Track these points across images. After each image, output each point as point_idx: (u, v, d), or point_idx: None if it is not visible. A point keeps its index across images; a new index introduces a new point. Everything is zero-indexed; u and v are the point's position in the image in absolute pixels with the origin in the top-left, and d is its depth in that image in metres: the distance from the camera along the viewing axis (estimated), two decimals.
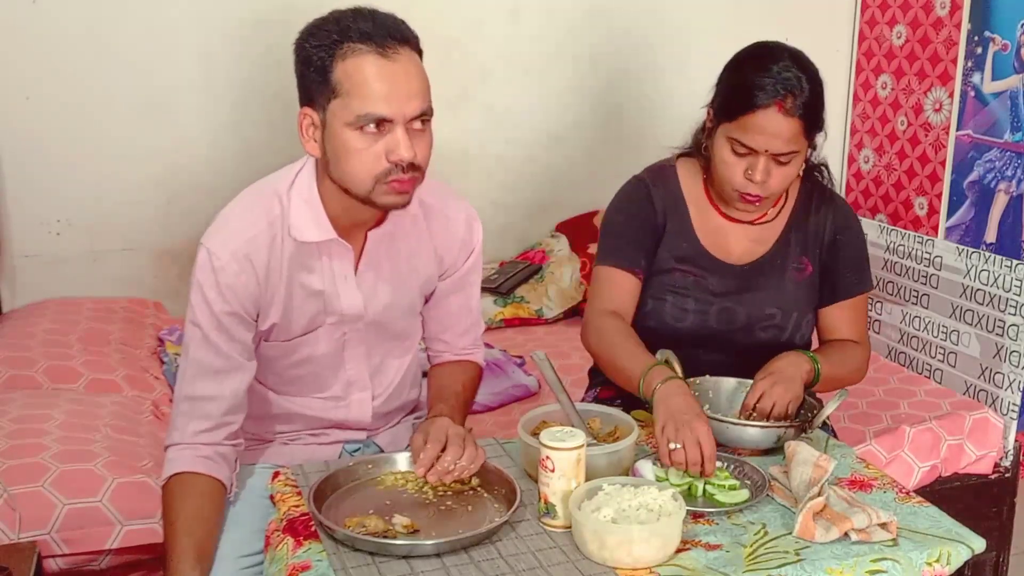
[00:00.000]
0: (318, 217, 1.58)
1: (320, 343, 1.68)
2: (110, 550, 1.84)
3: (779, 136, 1.73)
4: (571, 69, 3.32)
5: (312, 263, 1.61)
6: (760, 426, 1.67)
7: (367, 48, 1.45)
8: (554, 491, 1.43)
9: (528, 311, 3.09)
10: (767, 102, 1.72)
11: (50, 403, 2.14)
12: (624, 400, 1.97)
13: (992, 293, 2.58)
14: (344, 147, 1.48)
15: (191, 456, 1.58)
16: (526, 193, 3.36)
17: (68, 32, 2.78)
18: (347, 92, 1.45)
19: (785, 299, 1.90)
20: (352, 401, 1.75)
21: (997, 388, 2.58)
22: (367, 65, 1.45)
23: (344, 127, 1.46)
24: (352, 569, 1.34)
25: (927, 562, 1.39)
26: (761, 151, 1.74)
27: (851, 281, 1.93)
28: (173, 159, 2.94)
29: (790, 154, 1.76)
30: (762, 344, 1.89)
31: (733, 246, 1.92)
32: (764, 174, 1.76)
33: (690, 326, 1.90)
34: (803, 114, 1.73)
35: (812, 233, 1.92)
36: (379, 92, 1.44)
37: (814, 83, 1.75)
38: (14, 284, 2.87)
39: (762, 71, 1.73)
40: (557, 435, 1.44)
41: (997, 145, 3.02)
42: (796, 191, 1.94)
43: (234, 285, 1.56)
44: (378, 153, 1.47)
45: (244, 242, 1.56)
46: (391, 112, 1.45)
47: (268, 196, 1.60)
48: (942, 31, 3.18)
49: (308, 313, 1.64)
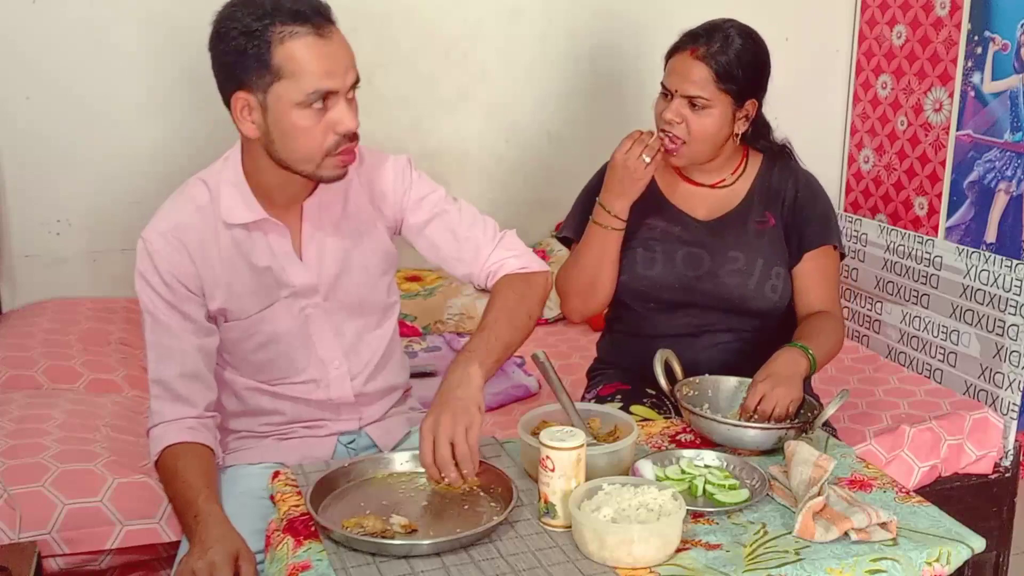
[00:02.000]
0: (247, 198, 1.64)
1: (280, 319, 1.71)
2: (110, 550, 1.84)
3: (687, 78, 1.91)
4: (571, 69, 3.31)
5: (251, 244, 1.66)
6: (759, 427, 1.67)
7: (304, 30, 1.49)
8: (554, 491, 1.43)
9: None
10: (684, 46, 1.94)
11: (50, 403, 2.14)
12: (623, 396, 1.98)
13: (992, 293, 2.58)
14: (292, 126, 1.53)
15: (176, 429, 1.66)
16: (526, 193, 3.36)
17: (68, 32, 2.77)
18: (291, 73, 1.50)
19: (747, 245, 2.00)
20: (331, 380, 1.76)
21: (997, 388, 2.58)
22: (308, 47, 1.49)
23: (292, 107, 1.51)
24: (352, 569, 1.34)
25: (927, 562, 1.39)
26: (673, 90, 1.93)
27: (816, 232, 2.02)
28: (173, 159, 2.93)
29: (699, 99, 1.90)
30: (729, 292, 1.98)
31: (699, 207, 2.05)
32: (675, 113, 1.92)
33: (659, 273, 1.99)
34: (713, 64, 1.89)
35: (774, 192, 2.04)
36: (323, 69, 1.50)
37: (742, 47, 1.92)
38: (14, 284, 2.86)
39: (699, 28, 1.95)
40: (557, 435, 1.44)
41: (997, 145, 3.02)
42: (759, 162, 2.07)
43: (169, 266, 1.63)
44: (325, 128, 1.54)
45: (172, 226, 1.64)
46: (335, 84, 1.52)
47: (193, 185, 1.69)
48: (942, 31, 3.18)
49: (259, 290, 1.68)
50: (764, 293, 1.98)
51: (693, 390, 1.82)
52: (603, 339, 2.21)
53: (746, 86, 1.94)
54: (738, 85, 1.92)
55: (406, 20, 3.07)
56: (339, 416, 1.80)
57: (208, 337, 1.69)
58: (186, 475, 1.63)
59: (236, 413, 1.79)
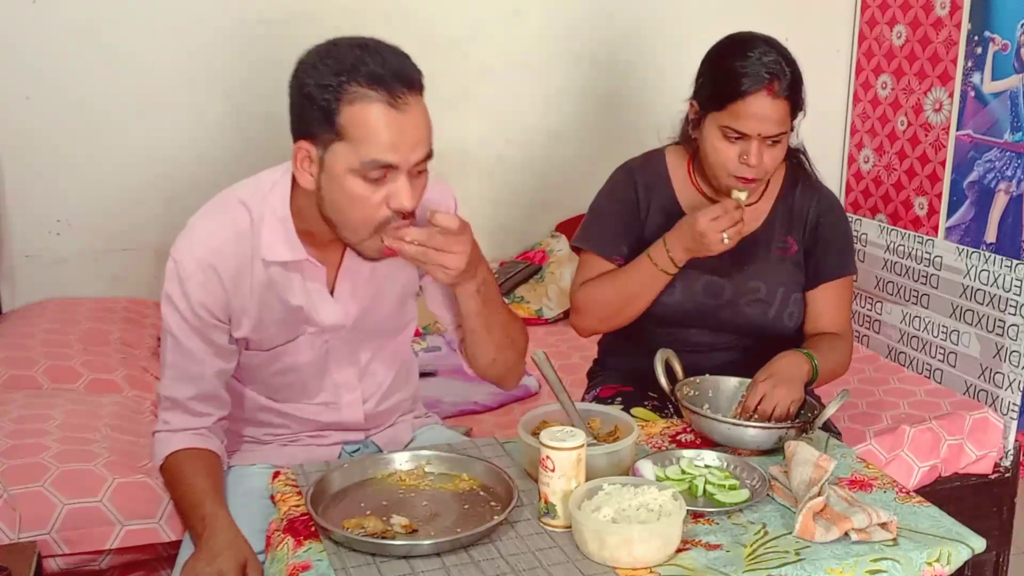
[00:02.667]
0: (290, 237, 1.56)
1: (302, 353, 1.68)
2: (110, 550, 1.84)
3: (770, 119, 1.80)
4: (571, 69, 3.32)
5: (286, 282, 1.61)
6: (760, 427, 1.67)
7: (376, 95, 1.41)
8: (554, 491, 1.43)
9: (528, 311, 3.09)
10: (756, 87, 1.79)
11: (50, 403, 2.14)
12: (624, 399, 1.98)
13: (992, 293, 2.58)
14: (345, 193, 1.45)
15: (183, 437, 1.64)
16: (526, 193, 3.36)
17: (68, 32, 2.77)
18: (353, 138, 1.42)
19: (769, 274, 1.95)
20: (343, 404, 1.76)
21: (997, 388, 2.58)
22: (376, 115, 1.41)
23: (347, 172, 1.44)
24: (352, 569, 1.34)
25: (927, 562, 1.39)
26: (754, 135, 1.81)
27: (834, 263, 1.98)
28: (173, 159, 2.94)
29: (780, 135, 1.83)
30: (749, 322, 1.94)
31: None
32: (758, 157, 1.82)
33: (678, 300, 1.94)
34: (789, 95, 1.82)
35: (797, 214, 1.99)
36: (387, 141, 1.42)
37: (793, 65, 1.84)
38: (14, 284, 2.86)
39: (743, 58, 1.81)
40: (557, 435, 1.44)
41: (997, 145, 3.02)
42: (780, 176, 2.01)
43: (200, 293, 1.57)
44: (379, 201, 1.46)
45: (208, 251, 1.56)
46: (398, 160, 1.43)
47: (235, 207, 1.59)
48: (942, 31, 3.18)
49: (285, 326, 1.65)
50: (782, 321, 1.96)
51: (693, 390, 1.82)
52: (604, 340, 2.20)
53: (804, 100, 1.89)
54: (802, 106, 1.88)
55: (406, 20, 3.07)
56: (346, 431, 1.80)
57: (228, 361, 1.66)
58: (193, 479, 1.61)
59: (241, 420, 1.79)
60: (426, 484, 1.56)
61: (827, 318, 1.97)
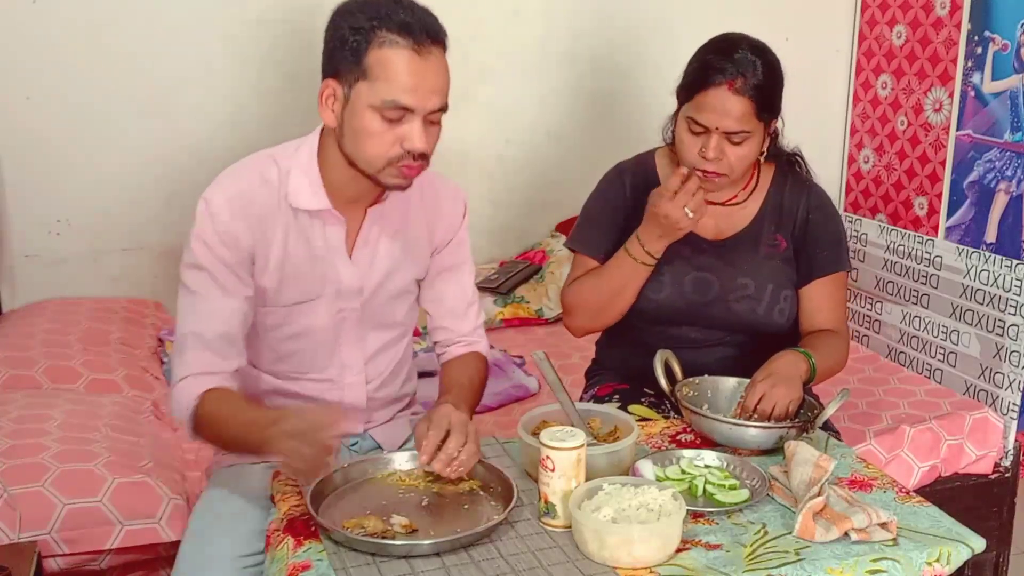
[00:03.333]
0: (315, 188, 1.64)
1: (317, 315, 1.71)
2: (110, 550, 1.84)
3: (728, 114, 1.80)
4: (571, 69, 3.32)
5: (312, 231, 1.67)
6: (761, 427, 1.67)
7: (404, 42, 1.52)
8: (554, 491, 1.43)
9: (528, 311, 3.09)
10: (719, 80, 1.80)
11: (50, 403, 2.14)
12: (621, 396, 1.98)
13: (992, 293, 2.58)
14: (363, 127, 1.55)
15: (213, 379, 1.62)
16: (526, 193, 3.36)
17: (68, 32, 2.78)
18: (377, 77, 1.52)
19: (757, 270, 1.95)
20: (346, 385, 1.77)
21: (997, 388, 2.58)
22: (401, 58, 1.52)
23: (367, 108, 1.54)
24: (352, 569, 1.34)
25: (927, 562, 1.39)
26: (712, 128, 1.82)
27: (827, 259, 1.97)
28: (173, 159, 2.94)
29: (741, 133, 1.82)
30: (739, 318, 1.94)
31: (707, 226, 1.97)
32: (716, 151, 1.82)
33: (667, 297, 1.94)
34: (753, 95, 1.80)
35: (786, 212, 1.98)
36: (407, 84, 1.52)
37: (769, 69, 1.83)
38: (14, 284, 2.86)
39: (719, 54, 1.83)
40: (557, 435, 1.44)
41: (997, 145, 3.02)
42: (770, 175, 2.00)
43: (230, 230, 1.62)
44: (394, 139, 1.55)
45: (237, 192, 1.63)
46: (414, 103, 1.53)
47: (263, 159, 1.68)
48: (942, 31, 3.18)
49: (306, 278, 1.68)
50: (772, 318, 1.95)
51: (693, 390, 1.82)
52: (602, 340, 2.21)
53: (776, 107, 1.89)
54: (773, 110, 1.88)
55: None
56: (346, 418, 1.80)
57: (250, 307, 1.67)
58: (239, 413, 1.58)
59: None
60: (426, 484, 1.56)
61: (822, 315, 1.97)
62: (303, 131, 1.70)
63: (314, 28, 3.09)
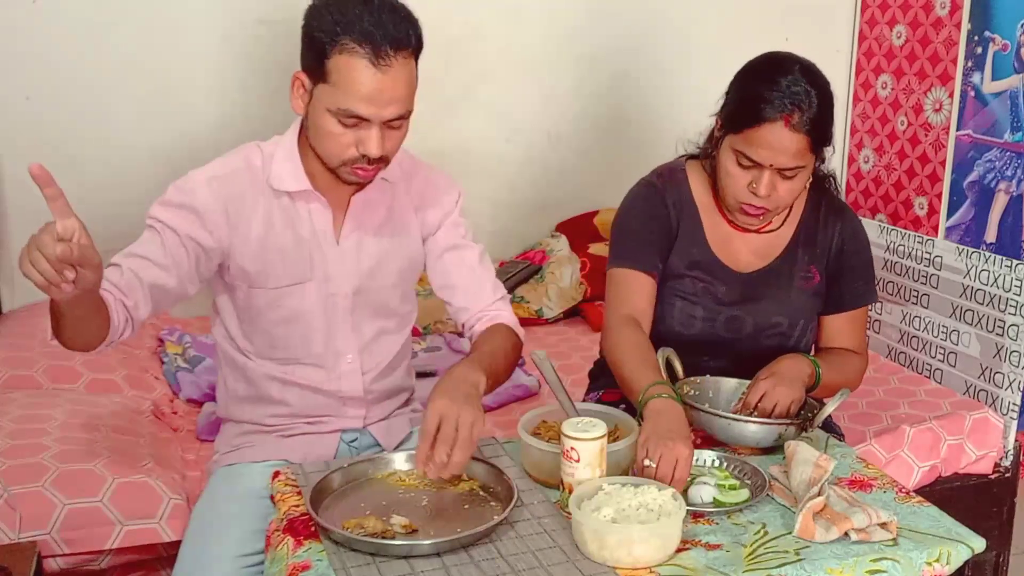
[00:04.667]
0: (296, 170, 1.67)
1: (307, 299, 1.72)
2: (110, 550, 1.84)
3: (785, 151, 1.70)
4: (572, 69, 3.32)
5: (295, 213, 1.69)
6: (760, 422, 1.67)
7: (363, 51, 1.52)
8: (579, 480, 1.44)
9: (528, 311, 3.09)
10: (774, 116, 1.69)
11: (50, 403, 2.14)
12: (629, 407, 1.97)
13: (992, 293, 2.58)
14: (322, 126, 1.58)
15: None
16: (526, 193, 3.36)
17: (68, 32, 2.77)
18: (335, 83, 1.54)
19: (792, 308, 1.90)
20: (342, 373, 1.77)
21: (997, 388, 2.58)
22: (358, 69, 1.52)
23: (325, 111, 1.56)
24: (352, 569, 1.34)
25: (927, 562, 1.39)
26: (766, 165, 1.72)
27: (857, 292, 1.93)
28: (173, 158, 2.93)
29: (795, 169, 1.73)
30: (768, 351, 1.87)
31: (741, 254, 1.91)
32: (768, 188, 1.74)
33: (697, 333, 1.89)
34: (810, 130, 1.70)
35: (821, 243, 1.91)
36: (363, 94, 1.53)
37: (823, 97, 1.72)
38: (14, 284, 2.86)
39: (770, 84, 1.70)
40: (579, 426, 1.47)
41: (997, 145, 3.02)
42: (804, 201, 1.93)
43: (201, 210, 1.63)
44: (349, 142, 1.58)
45: (215, 175, 1.66)
46: (369, 114, 1.55)
47: (248, 147, 1.72)
48: (942, 31, 3.18)
49: (294, 262, 1.69)
50: (799, 349, 1.91)
51: (694, 389, 1.82)
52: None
53: (831, 136, 1.78)
54: (827, 140, 1.78)
55: None
56: (344, 412, 1.81)
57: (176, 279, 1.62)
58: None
59: (244, 399, 1.79)
60: (426, 484, 1.56)
61: (840, 340, 1.93)
62: None
63: None
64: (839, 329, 1.94)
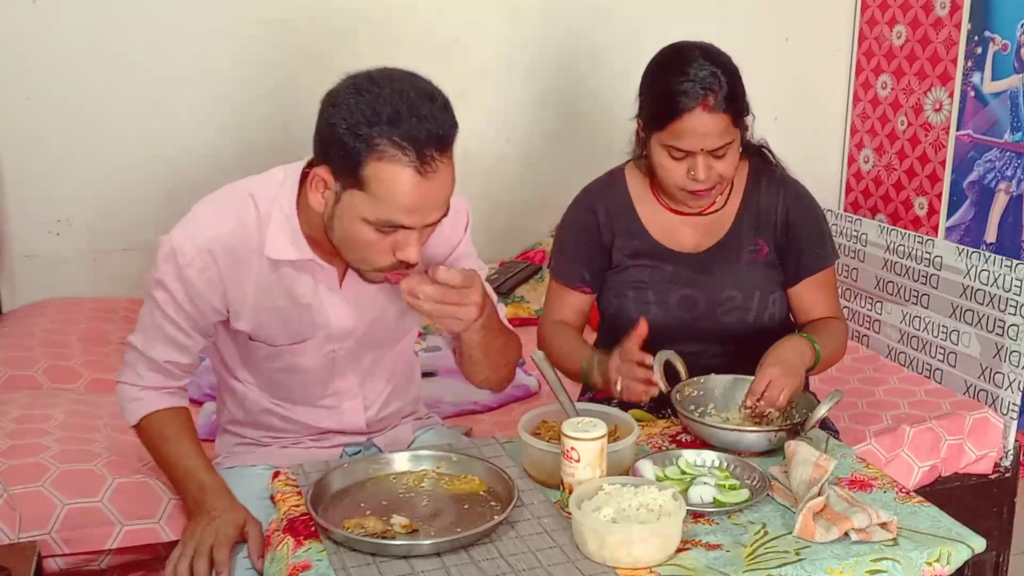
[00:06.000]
0: (295, 237, 1.54)
1: (308, 355, 1.67)
2: (110, 550, 1.84)
3: (710, 134, 1.78)
4: (571, 69, 3.32)
5: (294, 279, 1.60)
6: (744, 431, 1.67)
7: (407, 160, 1.38)
8: (579, 480, 1.44)
9: (528, 311, 3.09)
10: (691, 105, 1.76)
11: (50, 403, 2.14)
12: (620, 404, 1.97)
13: (992, 293, 2.58)
14: (352, 234, 1.45)
15: (158, 395, 1.65)
16: (526, 193, 3.36)
17: (68, 32, 2.78)
18: (374, 193, 1.40)
19: (742, 280, 1.93)
20: (344, 410, 1.76)
21: (997, 388, 2.58)
22: (401, 180, 1.39)
23: (358, 219, 1.43)
24: (352, 569, 1.34)
25: (927, 562, 1.39)
26: (696, 151, 1.79)
27: (813, 256, 1.96)
28: (173, 159, 2.94)
29: (724, 146, 1.80)
30: (730, 329, 1.93)
31: (686, 238, 1.96)
32: (706, 171, 1.81)
33: (654, 318, 1.90)
34: (727, 108, 1.78)
35: (764, 215, 1.96)
36: (407, 205, 1.41)
37: (730, 75, 1.80)
38: (14, 284, 2.87)
39: (679, 75, 1.78)
40: (580, 426, 1.47)
41: (997, 145, 3.02)
42: (743, 177, 1.98)
43: (199, 281, 1.56)
44: (385, 248, 1.46)
45: (210, 239, 1.54)
46: (412, 223, 1.43)
47: (242, 199, 1.56)
48: (942, 31, 3.18)
49: (291, 326, 1.63)
50: (763, 323, 1.94)
51: (698, 390, 1.82)
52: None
53: (746, 106, 1.86)
54: (745, 112, 1.85)
55: (406, 20, 3.07)
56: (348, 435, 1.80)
57: (208, 338, 1.68)
58: (180, 443, 1.65)
59: (242, 423, 1.79)
60: (426, 484, 1.56)
61: (816, 310, 1.97)
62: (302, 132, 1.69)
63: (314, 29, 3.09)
64: (811, 299, 1.97)
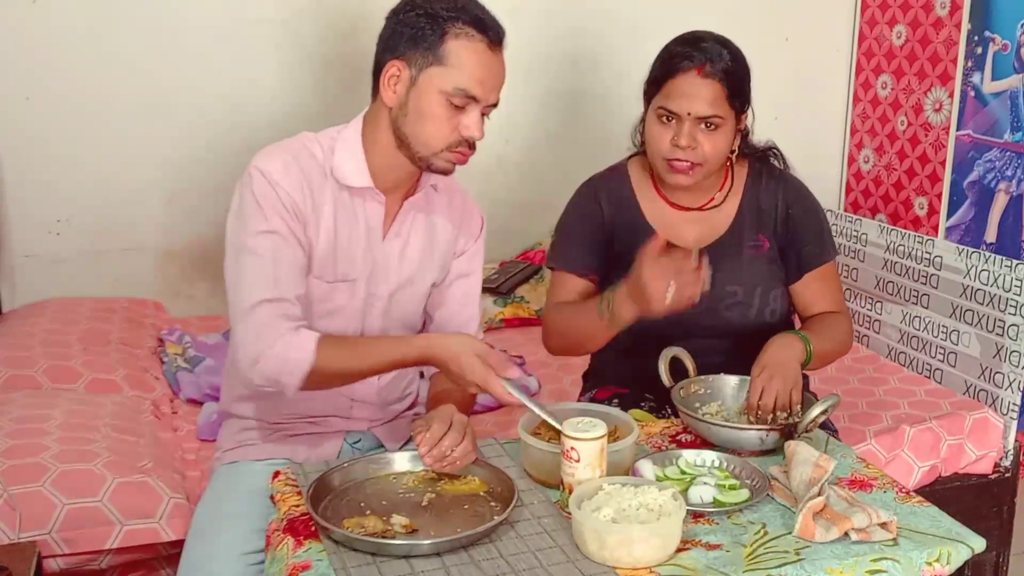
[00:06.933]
0: (360, 165, 1.68)
1: (355, 296, 1.72)
2: (110, 550, 1.84)
3: (699, 97, 1.80)
4: (572, 69, 3.32)
5: (353, 211, 1.69)
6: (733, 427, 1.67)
7: (480, 37, 1.63)
8: (579, 480, 1.45)
9: (528, 311, 3.09)
10: (687, 66, 1.81)
11: (50, 403, 2.14)
12: (621, 401, 1.98)
13: (992, 293, 2.58)
14: (429, 109, 1.62)
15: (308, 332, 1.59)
16: (526, 193, 3.36)
17: (68, 32, 2.78)
18: (452, 65, 1.61)
19: (743, 276, 1.93)
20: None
21: (997, 388, 2.58)
22: (476, 51, 1.63)
23: (437, 92, 1.61)
24: (352, 569, 1.34)
25: (927, 562, 1.39)
26: (684, 114, 1.81)
27: (814, 252, 1.97)
28: (173, 159, 2.94)
29: (714, 118, 1.81)
30: (731, 325, 1.93)
31: (687, 234, 1.96)
32: (689, 138, 1.81)
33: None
34: (723, 79, 1.81)
35: (765, 211, 1.96)
36: (479, 75, 1.62)
37: (736, 56, 1.85)
38: (14, 284, 2.87)
39: (685, 44, 1.85)
40: (580, 426, 1.47)
41: (997, 145, 3.02)
42: (744, 173, 1.98)
43: (291, 191, 1.63)
44: (454, 125, 1.63)
45: (291, 158, 1.65)
46: (481, 94, 1.63)
47: (303, 138, 1.70)
48: (942, 31, 3.18)
49: (349, 256, 1.70)
50: (764, 319, 1.94)
51: (704, 388, 1.82)
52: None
53: (747, 96, 1.89)
54: (743, 98, 1.87)
55: None
56: (351, 414, 1.81)
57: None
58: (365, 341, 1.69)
59: (249, 396, 1.78)
60: (426, 484, 1.56)
61: (819, 305, 1.97)
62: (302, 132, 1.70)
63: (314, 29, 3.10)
64: (813, 293, 1.97)
